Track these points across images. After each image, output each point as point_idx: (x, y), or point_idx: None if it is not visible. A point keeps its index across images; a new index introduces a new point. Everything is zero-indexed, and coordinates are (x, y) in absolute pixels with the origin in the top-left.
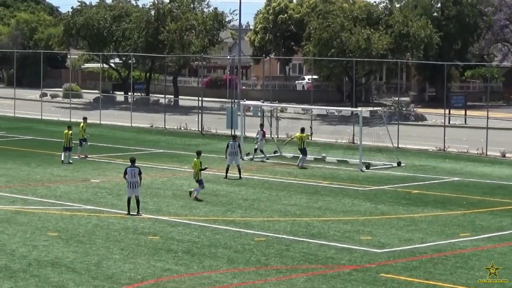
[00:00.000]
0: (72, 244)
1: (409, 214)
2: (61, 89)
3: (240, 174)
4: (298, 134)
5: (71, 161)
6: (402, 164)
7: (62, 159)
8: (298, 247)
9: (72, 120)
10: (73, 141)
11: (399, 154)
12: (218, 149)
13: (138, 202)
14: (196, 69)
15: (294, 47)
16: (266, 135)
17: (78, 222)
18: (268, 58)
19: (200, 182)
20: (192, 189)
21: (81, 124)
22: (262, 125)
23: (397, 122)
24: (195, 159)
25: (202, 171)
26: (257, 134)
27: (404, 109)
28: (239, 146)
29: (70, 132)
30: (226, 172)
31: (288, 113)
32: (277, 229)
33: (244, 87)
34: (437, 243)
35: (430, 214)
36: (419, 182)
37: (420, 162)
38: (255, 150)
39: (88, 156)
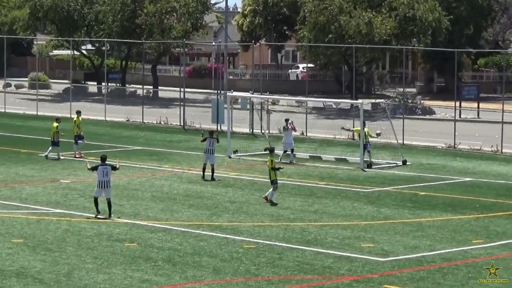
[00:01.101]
0: (40, 252)
1: (416, 218)
2: (27, 79)
3: (212, 174)
4: (357, 128)
5: (58, 157)
6: (407, 163)
7: (46, 153)
8: (291, 255)
9: (39, 113)
10: (59, 137)
11: (405, 151)
12: (202, 145)
13: (109, 204)
14: (178, 56)
15: (287, 32)
16: (255, 131)
17: (46, 227)
18: (258, 44)
19: (273, 182)
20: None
21: (74, 119)
22: (287, 120)
23: (402, 116)
24: (269, 156)
25: (276, 171)
26: (283, 130)
27: (409, 101)
28: (216, 142)
29: (57, 125)
30: (203, 171)
31: (281, 106)
32: (268, 235)
33: (231, 77)
34: (447, 250)
35: (439, 219)
36: (426, 182)
37: (427, 161)
38: (292, 150)
39: (78, 155)
